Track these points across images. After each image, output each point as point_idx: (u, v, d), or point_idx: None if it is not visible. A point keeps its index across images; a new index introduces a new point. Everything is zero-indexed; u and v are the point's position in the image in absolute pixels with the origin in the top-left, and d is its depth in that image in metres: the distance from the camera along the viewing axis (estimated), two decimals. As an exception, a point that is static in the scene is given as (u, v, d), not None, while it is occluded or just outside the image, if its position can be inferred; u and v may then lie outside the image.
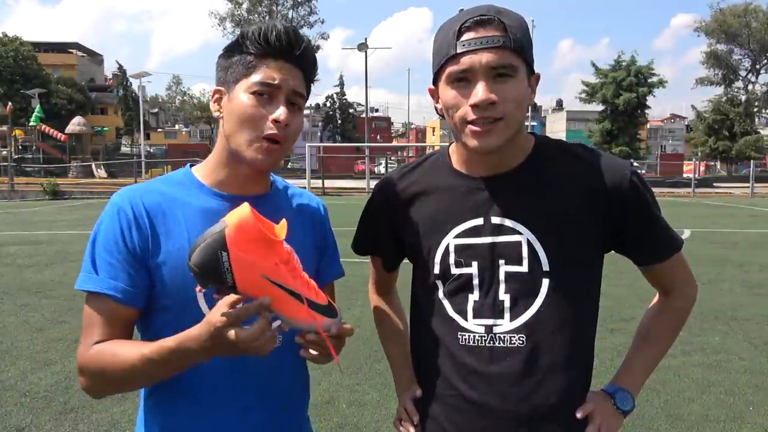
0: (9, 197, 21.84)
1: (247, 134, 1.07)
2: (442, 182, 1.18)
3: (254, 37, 1.08)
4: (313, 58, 1.14)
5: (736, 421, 3.30)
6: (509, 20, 1.03)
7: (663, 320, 1.26)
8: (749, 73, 49.72)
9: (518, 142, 1.13)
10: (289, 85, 1.08)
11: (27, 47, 46.16)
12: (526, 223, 1.10)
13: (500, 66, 1.02)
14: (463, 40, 1.02)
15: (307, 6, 48.72)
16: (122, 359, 1.01)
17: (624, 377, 1.23)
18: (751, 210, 18.09)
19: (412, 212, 1.21)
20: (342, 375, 3.95)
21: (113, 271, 1.05)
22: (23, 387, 3.72)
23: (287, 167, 44.89)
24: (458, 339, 1.15)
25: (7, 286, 6.54)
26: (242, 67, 1.09)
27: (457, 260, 1.14)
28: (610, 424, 1.16)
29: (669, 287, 1.24)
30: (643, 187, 1.13)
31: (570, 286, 1.11)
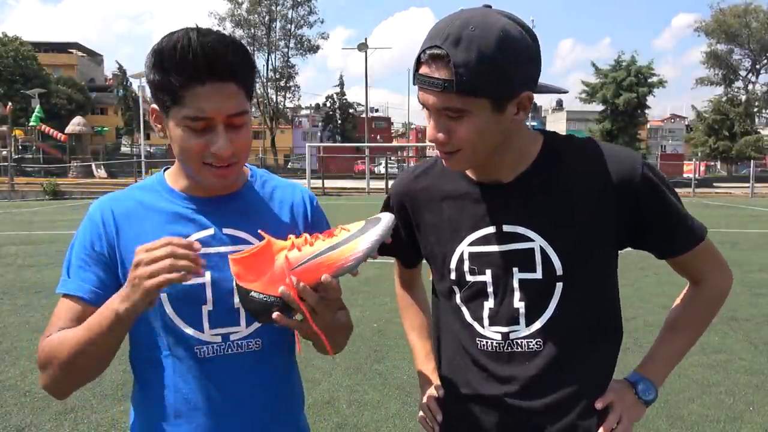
0: (9, 197, 21.83)
1: (193, 164, 1.04)
2: (454, 189, 1.18)
3: (172, 61, 0.96)
4: (245, 63, 1.01)
5: (736, 421, 3.30)
6: (464, 55, 0.93)
7: (691, 311, 1.22)
8: (749, 73, 49.73)
9: (518, 150, 1.11)
10: (223, 112, 0.99)
11: (27, 47, 46.17)
12: (537, 230, 1.10)
13: (445, 108, 0.99)
14: (419, 74, 0.99)
15: (306, 6, 48.76)
16: (67, 339, 1.02)
17: (648, 367, 1.20)
18: (751, 210, 18.08)
19: (427, 218, 1.22)
20: (342, 375, 3.95)
21: (83, 274, 1.08)
22: (23, 387, 3.72)
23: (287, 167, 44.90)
24: (476, 344, 1.16)
25: (7, 286, 6.54)
26: (167, 93, 0.99)
27: (471, 268, 1.15)
28: (630, 414, 1.15)
29: (697, 277, 1.21)
30: (657, 178, 1.09)
31: (585, 287, 1.11)
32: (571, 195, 1.09)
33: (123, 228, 1.10)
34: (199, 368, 1.09)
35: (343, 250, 0.94)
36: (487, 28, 0.94)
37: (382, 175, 31.17)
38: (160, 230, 1.09)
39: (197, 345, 1.09)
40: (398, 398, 3.60)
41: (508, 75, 0.96)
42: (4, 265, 7.79)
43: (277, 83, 49.59)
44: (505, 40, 0.94)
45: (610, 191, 1.08)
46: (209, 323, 1.09)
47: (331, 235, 0.97)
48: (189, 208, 1.13)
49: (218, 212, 1.14)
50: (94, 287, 1.07)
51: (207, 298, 1.09)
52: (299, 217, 1.22)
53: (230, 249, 1.11)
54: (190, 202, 1.13)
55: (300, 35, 49.59)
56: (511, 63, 0.96)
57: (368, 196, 24.59)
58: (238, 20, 47.08)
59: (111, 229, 1.10)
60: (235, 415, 1.12)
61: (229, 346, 1.11)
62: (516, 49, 0.96)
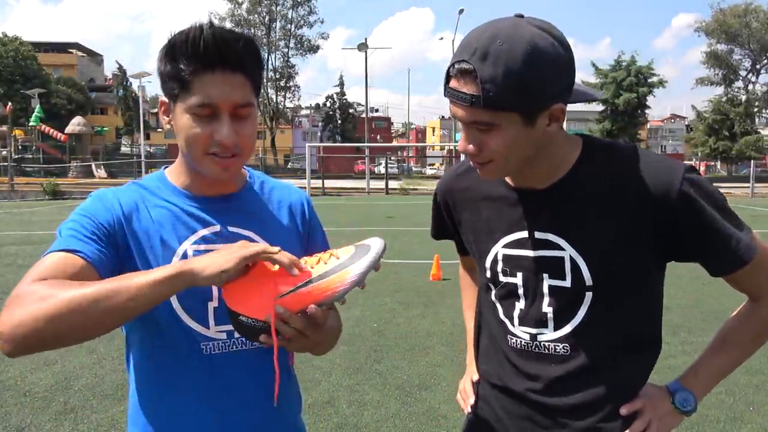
0: (9, 197, 21.84)
1: (196, 153, 1.05)
2: (492, 191, 1.20)
3: (183, 49, 0.99)
4: (254, 56, 1.05)
5: (736, 421, 3.30)
6: (491, 70, 0.93)
7: (744, 327, 1.16)
8: (749, 73, 49.74)
9: (554, 157, 1.10)
10: (230, 100, 1.01)
11: (27, 47, 46.18)
12: (568, 238, 1.10)
13: (473, 122, 1.01)
14: (449, 87, 1.01)
15: (306, 6, 48.78)
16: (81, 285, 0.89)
17: (690, 378, 1.16)
18: (752, 210, 18.08)
19: (467, 216, 1.26)
20: (342, 375, 3.95)
21: (85, 237, 1.00)
22: (23, 387, 3.72)
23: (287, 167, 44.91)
24: (508, 340, 1.21)
25: (7, 286, 6.53)
26: (177, 82, 1.01)
27: (504, 269, 1.18)
28: (664, 422, 1.13)
29: (754, 293, 1.14)
30: (698, 194, 1.04)
31: (616, 298, 1.10)
32: (605, 206, 1.07)
33: (132, 218, 1.08)
34: (205, 365, 1.10)
35: (331, 279, 0.95)
36: (515, 41, 0.94)
37: (382, 175, 31.19)
38: (169, 224, 1.10)
39: (203, 341, 1.09)
40: (398, 398, 3.60)
41: (536, 88, 0.96)
42: (4, 265, 7.80)
43: (277, 83, 49.61)
44: (533, 53, 0.93)
45: (645, 204, 1.04)
46: (215, 320, 1.09)
47: (320, 261, 0.98)
48: (194, 205, 1.13)
49: (222, 211, 1.15)
50: (97, 249, 1.00)
51: (213, 295, 1.09)
52: (298, 217, 1.24)
53: None
54: (194, 200, 1.14)
55: (300, 35, 49.68)
56: (540, 76, 0.95)
57: (368, 196, 24.59)
58: (238, 20, 47.09)
59: (118, 211, 1.07)
60: (239, 412, 1.12)
61: (233, 342, 1.11)
62: (545, 62, 0.95)
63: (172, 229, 1.10)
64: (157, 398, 1.12)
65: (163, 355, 1.10)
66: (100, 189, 1.13)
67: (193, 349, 1.09)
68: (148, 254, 1.07)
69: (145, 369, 1.13)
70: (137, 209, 1.10)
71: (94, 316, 0.87)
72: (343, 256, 0.98)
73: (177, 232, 1.10)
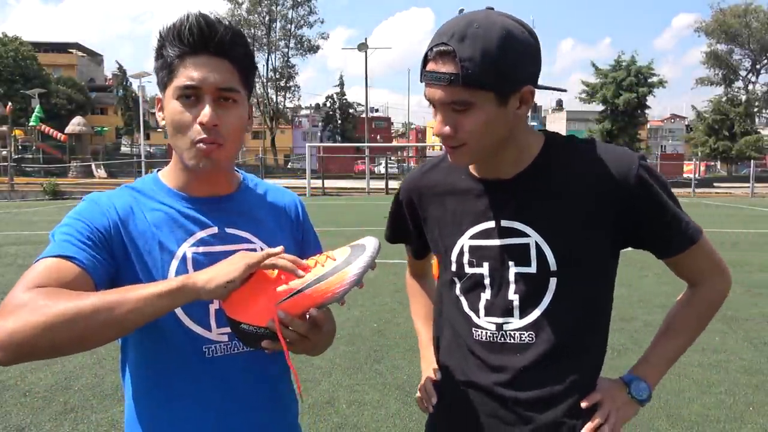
0: (9, 197, 21.84)
1: (181, 141, 1.05)
2: (458, 184, 1.23)
3: (168, 36, 1.03)
4: (240, 43, 1.06)
5: (737, 421, 3.30)
6: (469, 50, 0.99)
7: (688, 312, 1.24)
8: (749, 73, 49.74)
9: (519, 146, 1.15)
10: (210, 82, 1.02)
11: (27, 47, 46.17)
12: (533, 225, 1.14)
13: (452, 102, 1.04)
14: (426, 70, 1.05)
15: (306, 6, 48.74)
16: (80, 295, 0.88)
17: (642, 367, 1.22)
18: (751, 210, 18.08)
19: (433, 211, 1.27)
20: (342, 375, 3.95)
21: (79, 243, 0.99)
22: (23, 387, 3.72)
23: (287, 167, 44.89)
24: (472, 333, 1.21)
25: (7, 286, 6.53)
26: (166, 70, 1.04)
27: (470, 260, 1.19)
28: (622, 412, 1.17)
29: (694, 279, 1.23)
30: (652, 179, 1.11)
31: (578, 284, 1.14)
32: (568, 193, 1.13)
33: (128, 222, 1.07)
34: (207, 367, 1.09)
35: (330, 281, 0.96)
36: (490, 26, 1.01)
37: (382, 175, 31.17)
38: (166, 227, 1.09)
39: (205, 344, 1.09)
40: (398, 398, 3.60)
41: (510, 69, 1.02)
42: (4, 265, 7.80)
43: (277, 83, 49.58)
44: (507, 37, 1.00)
45: (606, 191, 1.11)
46: (216, 322, 1.09)
47: (317, 263, 0.99)
48: (190, 207, 1.12)
49: (218, 212, 1.14)
50: (92, 254, 0.99)
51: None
52: (292, 219, 1.25)
53: (234, 248, 1.11)
54: (189, 202, 1.13)
55: (300, 35, 49.64)
56: (513, 58, 1.01)
57: (368, 196, 24.59)
58: (238, 20, 47.01)
59: (115, 218, 1.06)
60: (239, 414, 1.12)
61: (234, 345, 1.11)
62: (517, 46, 1.02)
63: (169, 231, 1.09)
64: (155, 405, 1.11)
65: (164, 358, 1.09)
66: (94, 192, 1.12)
67: (195, 352, 1.08)
68: (146, 258, 1.06)
69: (144, 374, 1.12)
70: (132, 213, 1.09)
71: (93, 328, 0.86)
72: (339, 257, 0.99)
73: (175, 235, 1.09)
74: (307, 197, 22.51)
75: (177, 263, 1.07)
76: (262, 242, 1.16)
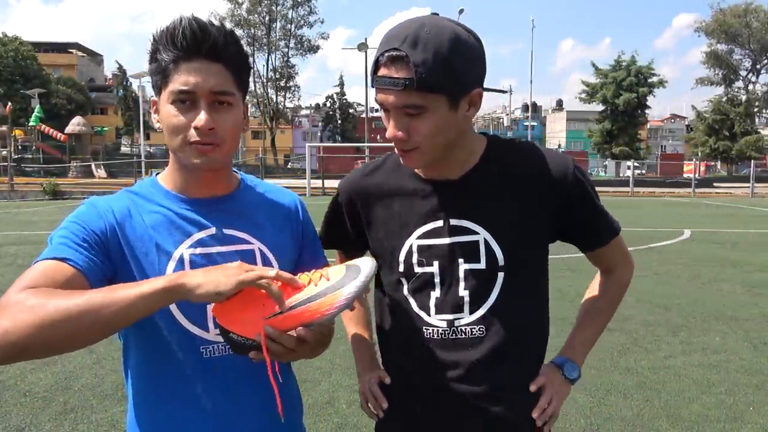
0: (9, 197, 21.84)
1: (176, 142, 1.06)
2: (404, 186, 1.25)
3: (162, 39, 1.04)
4: (233, 46, 1.07)
5: (737, 421, 3.30)
6: (421, 54, 1.01)
7: (606, 297, 1.37)
8: (749, 73, 49.78)
9: (466, 148, 1.20)
10: (205, 86, 1.03)
11: (27, 47, 46.16)
12: (481, 223, 1.18)
13: (405, 106, 1.06)
14: (378, 75, 1.06)
15: (306, 6, 48.75)
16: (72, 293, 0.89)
17: (570, 350, 1.33)
18: (752, 210, 18.09)
19: (377, 213, 1.27)
20: (342, 375, 3.95)
21: (75, 245, 1.00)
22: (23, 387, 3.72)
23: (287, 167, 44.89)
24: (423, 332, 1.22)
25: (7, 286, 6.45)
26: (160, 75, 1.05)
27: (420, 260, 1.21)
28: (560, 393, 1.27)
29: (610, 267, 1.36)
30: (584, 178, 1.22)
31: (524, 278, 1.21)
32: (513, 192, 1.19)
33: (125, 225, 1.08)
34: (205, 368, 1.09)
35: (321, 302, 0.96)
36: (440, 30, 1.04)
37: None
38: (163, 228, 1.10)
39: (203, 345, 1.09)
40: (398, 398, 3.60)
41: (460, 72, 1.05)
42: (4, 265, 7.80)
43: (277, 83, 49.58)
44: (456, 41, 1.04)
45: (546, 189, 1.18)
46: (213, 323, 1.08)
47: (311, 282, 0.99)
48: (188, 208, 1.13)
49: (216, 213, 1.14)
50: (89, 257, 1.00)
51: None
52: (291, 219, 1.25)
53: (232, 248, 1.12)
54: (187, 203, 1.13)
55: (300, 35, 49.65)
56: (464, 62, 1.05)
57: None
58: (238, 20, 47.05)
59: (111, 218, 1.07)
60: (238, 415, 1.12)
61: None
62: (466, 50, 1.06)
63: (167, 233, 1.09)
64: (154, 406, 1.11)
65: (162, 358, 1.09)
66: (93, 197, 1.13)
67: (192, 353, 1.08)
68: (143, 261, 1.07)
69: (143, 374, 1.12)
70: (130, 216, 1.09)
71: (84, 327, 0.87)
72: (334, 277, 0.99)
73: (172, 237, 1.09)
74: (307, 197, 22.52)
75: (174, 265, 1.07)
76: (260, 243, 1.16)
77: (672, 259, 8.27)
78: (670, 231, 11.63)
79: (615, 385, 3.70)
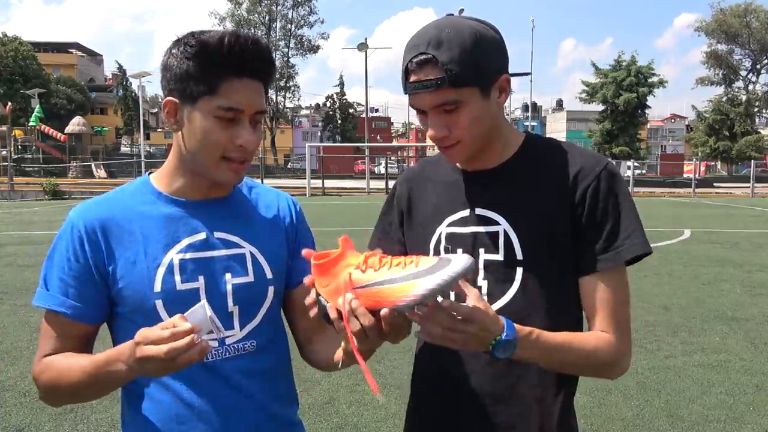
0: (9, 197, 21.83)
1: (212, 157, 1.05)
2: (443, 176, 1.29)
3: (218, 52, 1.01)
4: (274, 67, 1.11)
5: (737, 421, 3.30)
6: (447, 53, 1.06)
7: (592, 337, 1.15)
8: (749, 73, 49.75)
9: (503, 141, 1.22)
10: (253, 107, 1.05)
11: (27, 47, 46.13)
12: (504, 214, 1.18)
13: (442, 103, 1.10)
14: (410, 82, 1.10)
15: (307, 6, 48.77)
16: (67, 373, 1.04)
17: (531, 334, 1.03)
18: (752, 210, 18.09)
19: (419, 203, 1.32)
20: (342, 375, 3.95)
21: (64, 288, 1.07)
22: (23, 387, 3.72)
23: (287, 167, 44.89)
24: None
25: (7, 286, 6.53)
26: (202, 83, 1.02)
27: (446, 247, 1.23)
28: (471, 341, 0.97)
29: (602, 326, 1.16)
30: (614, 180, 1.14)
31: (543, 275, 1.17)
32: (542, 187, 1.18)
33: (110, 234, 1.08)
34: (199, 373, 1.09)
35: (396, 288, 0.89)
36: (460, 29, 1.08)
37: (382, 175, 31.17)
38: (151, 235, 1.09)
39: None
40: (398, 398, 3.59)
41: (486, 63, 1.09)
42: (4, 265, 7.79)
43: (277, 83, 49.57)
44: (477, 35, 1.09)
45: (568, 188, 1.16)
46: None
47: (400, 264, 0.92)
48: (179, 211, 1.12)
49: (209, 215, 1.14)
50: (77, 302, 1.07)
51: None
52: (285, 221, 1.24)
53: (222, 253, 1.12)
54: (179, 205, 1.12)
55: (300, 35, 49.67)
56: (486, 53, 1.10)
57: (368, 196, 24.58)
58: (238, 20, 47.10)
59: (97, 236, 1.07)
60: (234, 416, 1.12)
61: (225, 349, 1.11)
62: (487, 42, 1.10)
63: (156, 239, 1.09)
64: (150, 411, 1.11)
65: None
66: (77, 211, 1.11)
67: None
68: (132, 270, 1.07)
69: (141, 380, 1.11)
70: (119, 224, 1.09)
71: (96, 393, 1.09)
72: (423, 265, 0.89)
73: (161, 242, 1.09)
74: (307, 197, 22.50)
75: (164, 270, 1.08)
76: (252, 246, 1.15)
77: (672, 259, 8.25)
78: (670, 231, 11.61)
79: (615, 385, 3.70)
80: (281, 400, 1.21)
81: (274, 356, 1.19)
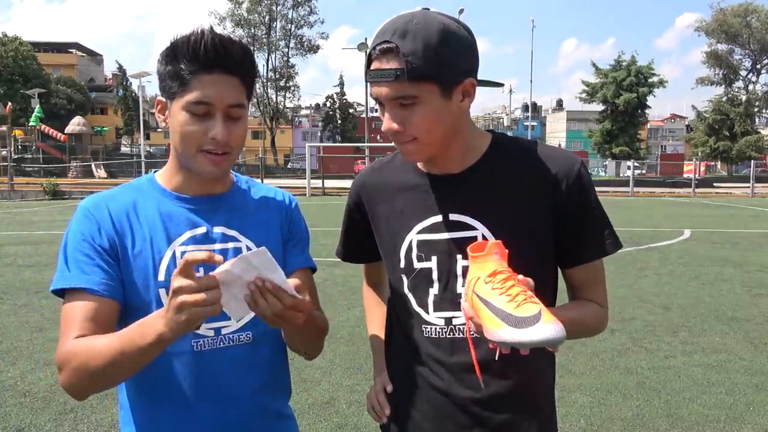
0: (9, 197, 21.82)
1: (189, 149, 1.10)
2: (406, 181, 1.24)
3: (184, 50, 1.06)
4: (249, 61, 1.12)
5: (737, 421, 3.30)
6: (411, 45, 1.03)
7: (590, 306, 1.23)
8: (749, 73, 49.77)
9: (467, 142, 1.18)
10: (224, 101, 1.08)
11: (27, 47, 46.14)
12: (480, 219, 1.16)
13: (398, 97, 1.07)
14: (371, 69, 1.08)
15: (307, 6, 48.76)
16: (100, 348, 1.00)
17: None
18: (752, 210, 18.09)
19: (381, 210, 1.28)
20: (342, 375, 3.95)
21: (87, 267, 1.08)
22: (23, 387, 3.72)
23: (287, 167, 44.89)
24: (422, 331, 1.21)
25: (7, 286, 6.53)
26: (176, 81, 1.08)
27: (419, 255, 1.20)
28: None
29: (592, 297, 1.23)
30: (588, 180, 1.17)
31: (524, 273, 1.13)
32: (515, 188, 1.16)
33: (120, 225, 1.13)
34: (196, 361, 1.13)
35: (489, 317, 0.92)
36: (429, 22, 1.05)
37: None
38: (156, 228, 1.15)
39: (194, 339, 1.13)
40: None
41: (451, 62, 1.06)
42: (4, 265, 7.79)
43: (277, 83, 49.59)
44: (445, 31, 1.05)
45: (548, 187, 1.15)
46: None
47: (512, 295, 0.93)
48: (181, 207, 1.18)
49: (209, 211, 1.19)
50: (102, 279, 1.08)
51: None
52: (281, 218, 1.28)
53: (221, 247, 1.17)
54: (182, 201, 1.18)
55: (300, 35, 49.66)
56: (453, 51, 1.06)
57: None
58: (238, 20, 47.09)
59: (108, 224, 1.12)
60: (227, 404, 1.16)
61: (221, 339, 1.15)
62: (456, 40, 1.06)
63: (160, 231, 1.15)
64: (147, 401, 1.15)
65: None
66: (89, 200, 1.17)
67: (184, 346, 1.12)
68: (139, 259, 1.12)
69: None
70: (128, 216, 1.15)
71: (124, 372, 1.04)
72: (519, 312, 0.90)
73: (165, 234, 1.15)
74: (307, 197, 22.52)
75: (167, 261, 1.13)
76: (248, 240, 1.20)
77: (672, 259, 8.26)
78: (670, 231, 11.63)
79: (615, 385, 3.70)
80: (273, 392, 1.24)
81: (269, 348, 1.22)
